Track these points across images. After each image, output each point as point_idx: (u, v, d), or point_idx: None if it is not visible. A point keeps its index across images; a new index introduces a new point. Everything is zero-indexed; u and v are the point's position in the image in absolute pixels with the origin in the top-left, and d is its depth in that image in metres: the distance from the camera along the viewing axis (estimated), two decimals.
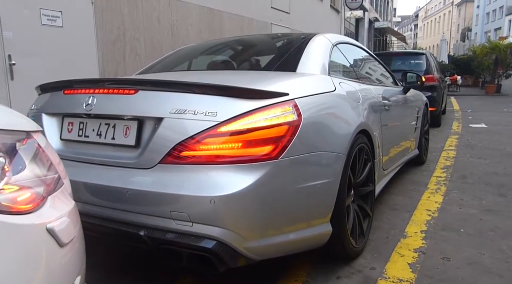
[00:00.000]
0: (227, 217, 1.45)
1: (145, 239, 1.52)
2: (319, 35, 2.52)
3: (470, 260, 2.02)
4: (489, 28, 53.11)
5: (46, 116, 1.90)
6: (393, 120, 2.93)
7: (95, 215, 1.63)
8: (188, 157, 1.51)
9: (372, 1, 25.19)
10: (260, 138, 1.52)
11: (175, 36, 6.60)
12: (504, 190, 3.20)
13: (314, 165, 1.73)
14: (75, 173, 1.63)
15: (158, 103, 1.60)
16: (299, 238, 1.71)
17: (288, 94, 1.63)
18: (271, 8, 9.77)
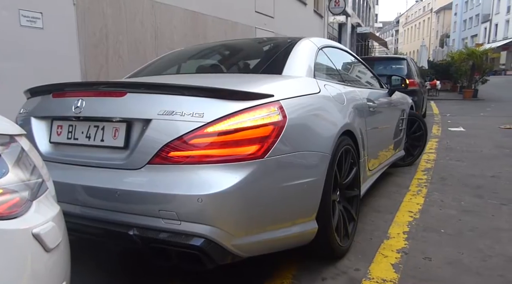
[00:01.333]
0: (214, 215, 1.46)
1: (134, 239, 1.53)
2: (305, 39, 2.57)
3: (450, 260, 2.08)
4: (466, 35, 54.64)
5: (35, 119, 1.91)
6: (378, 121, 2.99)
7: (85, 216, 1.64)
8: (176, 157, 1.52)
9: (354, 7, 25.60)
10: (246, 138, 1.55)
11: (159, 39, 6.56)
12: (481, 192, 3.30)
13: (299, 164, 1.76)
14: (65, 175, 1.67)
15: (146, 105, 1.62)
16: (286, 235, 1.74)
17: (273, 96, 1.67)
18: (255, 12, 9.82)
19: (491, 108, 11.39)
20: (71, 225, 1.58)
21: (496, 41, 41.52)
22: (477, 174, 3.88)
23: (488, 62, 17.31)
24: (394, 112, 3.62)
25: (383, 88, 3.58)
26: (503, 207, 2.91)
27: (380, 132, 3.11)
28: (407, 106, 4.08)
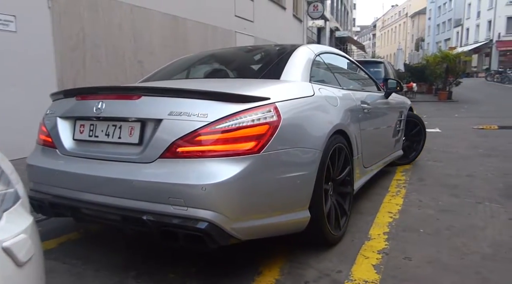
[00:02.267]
0: (216, 201, 1.67)
1: (147, 223, 1.73)
2: (303, 46, 2.81)
3: (429, 259, 2.13)
4: (440, 38, 56.21)
5: (60, 119, 2.16)
6: (373, 122, 3.19)
7: (105, 204, 1.88)
8: (183, 152, 1.75)
9: (332, 11, 25.99)
10: (244, 136, 1.77)
11: (138, 43, 6.49)
12: (457, 191, 3.39)
13: (292, 159, 1.98)
14: (87, 168, 1.94)
15: (157, 106, 1.86)
16: (280, 222, 1.96)
17: (269, 98, 1.90)
18: (235, 16, 9.84)
19: (465, 109, 11.74)
20: (93, 212, 1.96)
21: (468, 45, 42.90)
22: (453, 174, 3.99)
23: (461, 65, 17.86)
24: (391, 113, 3.81)
25: (380, 90, 3.77)
26: (478, 205, 3.00)
27: (376, 132, 3.31)
28: (405, 107, 4.26)
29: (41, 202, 2.10)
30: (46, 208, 2.11)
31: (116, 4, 5.97)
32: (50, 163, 2.12)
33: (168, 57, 7.22)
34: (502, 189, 3.41)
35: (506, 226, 2.57)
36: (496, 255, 2.15)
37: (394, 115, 3.88)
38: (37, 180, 2.18)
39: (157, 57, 6.96)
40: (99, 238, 2.53)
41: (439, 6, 56.86)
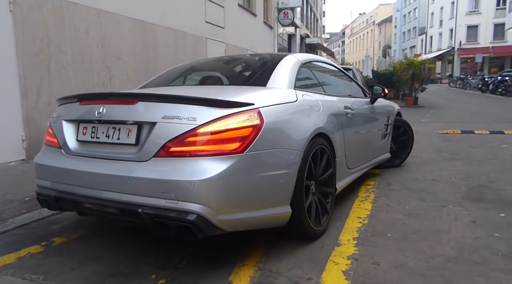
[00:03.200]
0: (204, 195, 1.86)
1: (142, 215, 1.93)
2: (290, 55, 3.03)
3: (397, 263, 2.17)
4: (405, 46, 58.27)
5: (65, 122, 2.39)
6: (357, 125, 3.41)
7: (105, 198, 2.07)
8: (175, 151, 1.95)
9: (302, 19, 26.41)
10: (229, 137, 1.96)
11: (106, 49, 6.34)
12: (423, 195, 3.49)
13: (275, 158, 2.17)
14: (89, 166, 2.15)
15: (152, 111, 2.06)
16: (263, 216, 2.16)
17: (253, 104, 2.11)
18: (205, 22, 9.82)
19: (430, 114, 12.18)
20: (94, 206, 2.16)
21: (432, 52, 44.71)
22: (419, 178, 4.11)
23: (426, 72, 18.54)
24: (377, 118, 4.00)
25: (366, 96, 3.97)
26: (443, 209, 3.10)
27: (360, 135, 3.51)
28: (392, 112, 4.45)
29: (47, 198, 2.32)
30: (51, 203, 2.32)
31: (82, 8, 5.82)
32: (55, 162, 2.34)
33: (137, 63, 7.11)
34: (465, 192, 3.55)
35: (469, 229, 2.67)
36: (459, 257, 2.23)
37: (380, 120, 4.06)
38: (44, 178, 2.40)
39: (126, 63, 6.84)
40: (62, 251, 2.44)
41: (404, 15, 59.00)
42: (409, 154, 4.86)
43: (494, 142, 6.37)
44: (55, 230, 2.79)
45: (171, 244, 2.48)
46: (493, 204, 3.18)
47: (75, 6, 5.69)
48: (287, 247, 2.41)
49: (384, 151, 4.26)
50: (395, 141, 4.67)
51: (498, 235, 2.54)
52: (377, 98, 3.95)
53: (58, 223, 2.94)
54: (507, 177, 4.07)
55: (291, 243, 2.47)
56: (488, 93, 21.38)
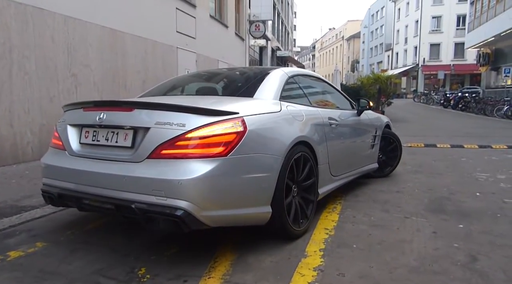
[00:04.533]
0: (189, 193, 2.07)
1: (135, 210, 2.14)
2: (278, 69, 3.28)
3: (361, 274, 2.20)
4: (373, 61, 60.28)
5: (70, 126, 2.63)
6: (341, 135, 3.59)
7: (102, 195, 2.29)
8: (165, 154, 2.17)
9: (274, 32, 26.82)
10: (214, 142, 2.17)
11: (72, 56, 6.17)
12: (388, 206, 3.58)
13: (256, 162, 2.36)
14: (90, 166, 2.38)
15: (146, 117, 2.29)
16: (245, 214, 2.36)
17: (238, 113, 2.33)
18: (176, 32, 9.77)
19: (396, 128, 12.52)
20: (93, 202, 2.37)
21: (398, 68, 46.46)
22: (384, 190, 4.22)
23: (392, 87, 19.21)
24: (363, 129, 4.19)
25: (353, 109, 4.14)
26: (406, 220, 3.19)
27: (345, 145, 3.69)
28: (379, 125, 4.62)
29: (52, 195, 2.54)
30: (55, 199, 2.55)
31: (48, 14, 5.66)
32: (59, 162, 2.58)
33: (105, 70, 6.96)
34: (427, 204, 3.67)
35: (430, 239, 2.75)
36: (421, 267, 2.29)
37: (366, 131, 4.25)
38: (49, 176, 2.64)
39: (93, 70, 6.68)
40: (17, 266, 2.31)
41: (372, 31, 61.17)
42: (397, 165, 5.02)
43: (454, 155, 6.65)
44: (11, 244, 2.65)
45: (135, 258, 2.40)
46: (453, 216, 3.30)
47: (41, 11, 5.52)
48: (254, 259, 2.40)
49: (372, 161, 4.42)
50: (384, 152, 4.83)
51: (456, 245, 2.63)
52: (363, 110, 4.12)
53: (14, 236, 2.80)
54: (466, 189, 4.25)
55: (257, 254, 2.46)
56: (449, 108, 22.40)
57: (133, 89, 7.82)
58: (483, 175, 5.00)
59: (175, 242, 2.67)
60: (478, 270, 2.25)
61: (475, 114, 18.25)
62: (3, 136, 5.09)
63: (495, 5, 20.46)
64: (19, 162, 5.31)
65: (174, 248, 2.57)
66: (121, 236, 2.80)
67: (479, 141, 8.26)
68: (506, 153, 6.85)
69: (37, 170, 4.91)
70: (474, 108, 18.93)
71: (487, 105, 17.69)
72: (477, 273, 2.21)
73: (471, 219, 3.20)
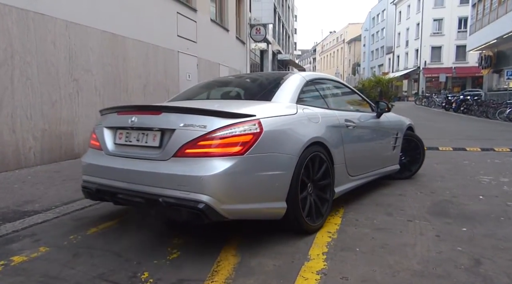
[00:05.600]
0: (210, 188, 2.28)
1: (162, 203, 2.36)
2: (296, 74, 3.48)
3: (365, 278, 2.20)
4: (374, 64, 60.29)
5: (106, 128, 2.90)
6: (358, 137, 3.74)
7: (134, 190, 2.54)
8: (189, 152, 2.39)
9: (275, 35, 26.89)
10: (232, 142, 2.38)
11: (74, 60, 6.19)
12: (391, 210, 3.57)
13: (271, 161, 2.56)
14: (124, 164, 2.65)
15: (172, 120, 2.53)
16: (261, 208, 2.56)
17: (255, 115, 2.53)
18: (177, 36, 9.80)
19: None
20: (125, 197, 2.61)
21: (399, 71, 46.47)
22: (387, 193, 4.20)
23: (393, 89, 19.25)
24: (382, 131, 4.30)
25: (373, 111, 4.26)
26: (409, 223, 3.18)
27: (363, 146, 3.84)
28: (401, 127, 4.71)
29: (90, 190, 2.83)
30: (93, 194, 2.83)
31: (49, 20, 5.69)
32: (97, 160, 2.86)
33: (107, 75, 6.98)
34: (430, 207, 3.65)
35: (434, 243, 2.74)
36: (425, 271, 2.28)
37: (387, 133, 4.37)
38: (88, 174, 2.92)
39: (95, 75, 6.70)
40: (20, 271, 2.31)
41: (373, 34, 61.24)
42: (419, 167, 5.04)
43: (457, 159, 6.63)
44: (14, 249, 2.65)
45: (137, 262, 2.40)
46: (456, 219, 3.28)
47: (42, 17, 5.55)
48: (257, 262, 2.39)
49: (393, 162, 4.51)
50: (407, 154, 4.91)
51: (460, 249, 2.62)
52: (382, 112, 4.25)
53: (17, 241, 2.80)
54: (469, 192, 4.23)
55: (260, 258, 2.45)
56: (451, 111, 22.35)
57: (134, 94, 7.84)
58: (486, 178, 4.98)
59: (178, 247, 2.67)
60: (482, 274, 2.23)
61: (477, 117, 18.21)
62: (6, 141, 5.11)
63: (497, 8, 20.47)
64: (22, 167, 5.32)
65: (176, 253, 2.56)
66: (124, 241, 2.80)
67: (482, 144, 8.23)
68: (509, 156, 6.83)
69: (40, 175, 4.92)
70: (476, 111, 18.88)
71: (489, 108, 17.64)
72: (481, 277, 2.20)
73: (474, 222, 3.19)
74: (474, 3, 25.20)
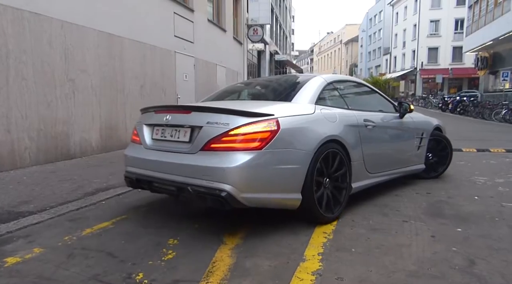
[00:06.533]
0: (232, 178, 2.59)
1: (190, 191, 2.71)
2: (317, 77, 3.72)
3: (360, 278, 2.20)
4: (371, 65, 60.43)
5: (145, 125, 3.30)
6: (378, 136, 3.89)
7: (168, 180, 2.90)
8: (214, 147, 2.72)
9: (272, 35, 26.90)
10: (252, 138, 2.68)
11: (70, 60, 6.17)
12: (387, 210, 3.57)
13: (287, 156, 2.83)
14: (160, 156, 3.02)
15: (200, 118, 2.88)
16: (277, 198, 2.86)
17: (273, 114, 2.82)
18: (174, 36, 9.79)
19: None
20: (160, 185, 2.99)
21: (396, 72, 46.53)
22: (384, 193, 4.20)
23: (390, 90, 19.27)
24: (406, 131, 4.43)
25: (395, 112, 4.37)
26: (405, 224, 3.18)
27: (382, 145, 3.99)
28: (427, 127, 4.80)
29: (131, 179, 3.22)
30: (133, 183, 3.22)
31: (45, 19, 5.67)
32: (137, 153, 3.26)
33: (103, 75, 6.96)
34: (426, 208, 3.66)
35: (429, 243, 2.74)
36: (419, 271, 2.28)
37: (410, 133, 4.48)
38: (129, 165, 3.33)
39: (91, 75, 6.68)
40: (14, 273, 2.29)
41: (370, 35, 61.37)
42: (446, 169, 5.11)
43: (453, 159, 6.60)
44: (8, 250, 2.64)
45: (132, 264, 2.39)
46: (451, 219, 3.29)
47: (37, 17, 5.53)
48: (252, 263, 2.39)
49: (417, 162, 4.62)
50: (435, 154, 4.98)
51: (455, 249, 2.62)
52: (405, 113, 4.36)
53: (11, 242, 2.78)
54: (464, 193, 4.24)
55: (255, 258, 2.45)
56: (447, 112, 22.44)
57: (131, 94, 7.82)
58: (481, 178, 5.00)
59: (173, 247, 2.66)
60: (477, 274, 2.24)
61: (473, 118, 18.28)
62: (1, 141, 5.08)
63: (493, 9, 20.56)
64: (17, 167, 5.29)
65: (171, 253, 2.56)
66: (119, 242, 2.79)
67: (477, 145, 8.26)
68: (505, 157, 6.86)
69: (35, 176, 4.90)
70: (472, 112, 18.96)
71: (485, 108, 17.72)
72: (476, 277, 2.20)
73: (469, 223, 3.20)
74: (470, 4, 25.30)
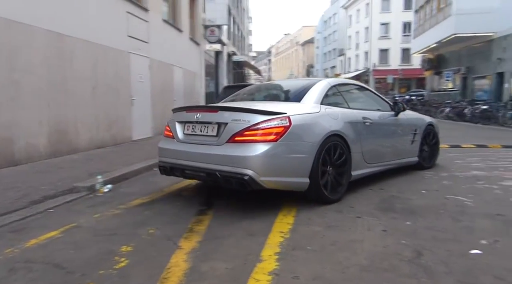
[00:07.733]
0: (253, 165, 3.26)
1: (218, 176, 3.40)
2: (323, 80, 4.41)
3: (315, 275, 2.24)
4: (327, 66, 62.05)
5: (177, 122, 3.96)
6: (375, 132, 4.49)
7: (198, 167, 3.59)
8: (238, 140, 3.37)
9: (230, 36, 26.84)
10: (269, 132, 3.34)
11: (14, 61, 5.80)
12: (341, 207, 3.67)
13: (297, 147, 3.49)
14: (191, 148, 3.70)
15: (226, 116, 3.53)
16: (290, 181, 3.52)
17: (286, 113, 3.47)
18: (128, 36, 9.49)
19: None
20: (191, 172, 3.75)
21: (350, 72, 48.16)
22: None
23: None
24: (400, 127, 5.05)
25: (391, 110, 4.98)
26: (358, 219, 3.29)
27: (378, 139, 4.59)
28: (421, 124, 5.46)
29: (165, 168, 3.96)
30: (167, 170, 3.95)
31: None
32: (170, 146, 3.95)
33: (52, 76, 6.62)
34: (378, 203, 3.80)
35: (380, 238, 2.85)
36: (371, 266, 2.36)
37: (404, 129, 5.12)
38: (163, 155, 4.03)
39: (39, 77, 6.32)
40: None
41: (325, 37, 63.01)
42: (435, 160, 5.79)
43: None
44: None
45: (81, 274, 2.29)
46: (401, 213, 3.45)
47: None
48: (208, 267, 2.37)
49: (411, 155, 5.24)
50: (428, 146, 5.59)
51: (404, 242, 2.75)
52: (399, 111, 5.00)
53: None
54: (413, 187, 4.46)
55: (212, 262, 2.43)
56: None
57: (82, 96, 7.50)
58: (428, 173, 5.28)
59: (126, 255, 2.58)
60: (423, 265, 2.36)
61: None
62: None
63: (437, 14, 21.78)
64: None
65: (124, 261, 2.47)
66: (67, 252, 2.65)
67: None
68: (448, 152, 7.27)
69: None
70: (420, 110, 19.93)
71: (431, 107, 18.75)
72: (422, 268, 2.32)
73: (417, 216, 3.37)
74: (416, 9, 26.65)
